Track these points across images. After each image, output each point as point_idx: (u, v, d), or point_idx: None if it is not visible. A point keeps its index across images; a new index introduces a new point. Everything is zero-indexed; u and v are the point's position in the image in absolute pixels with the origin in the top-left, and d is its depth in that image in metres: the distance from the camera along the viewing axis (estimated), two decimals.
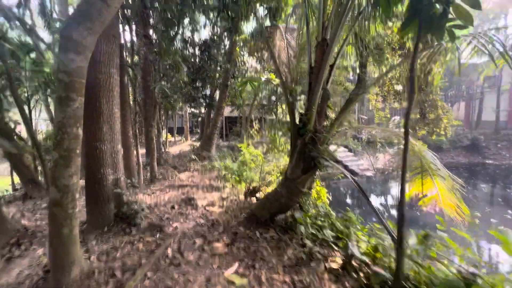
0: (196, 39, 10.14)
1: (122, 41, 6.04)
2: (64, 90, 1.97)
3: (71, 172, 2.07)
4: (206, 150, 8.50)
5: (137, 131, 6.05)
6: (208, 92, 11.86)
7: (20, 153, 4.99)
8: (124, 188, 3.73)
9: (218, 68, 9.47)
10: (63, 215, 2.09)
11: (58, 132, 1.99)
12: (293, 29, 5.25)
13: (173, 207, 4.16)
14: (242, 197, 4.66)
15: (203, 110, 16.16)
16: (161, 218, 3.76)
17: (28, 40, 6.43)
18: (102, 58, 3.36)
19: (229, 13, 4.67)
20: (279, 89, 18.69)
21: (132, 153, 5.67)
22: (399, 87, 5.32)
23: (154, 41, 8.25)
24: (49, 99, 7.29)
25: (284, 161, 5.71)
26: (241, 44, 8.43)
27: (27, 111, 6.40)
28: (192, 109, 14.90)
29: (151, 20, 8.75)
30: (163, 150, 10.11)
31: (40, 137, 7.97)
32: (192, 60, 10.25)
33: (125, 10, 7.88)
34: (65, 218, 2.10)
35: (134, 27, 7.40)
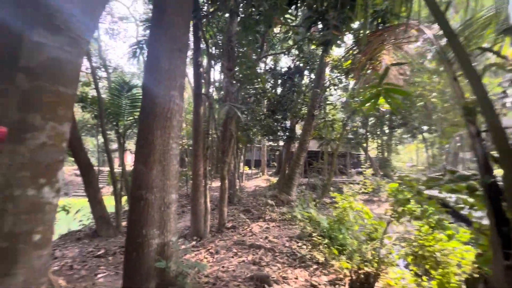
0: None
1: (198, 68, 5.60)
2: (18, 108, 0.93)
3: (14, 286, 0.94)
4: (286, 193, 7.00)
5: (210, 168, 5.18)
6: (288, 124, 10.79)
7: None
8: (173, 257, 2.57)
9: (302, 96, 8.27)
10: None
11: None
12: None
13: None
14: None
15: (281, 143, 15.19)
16: None
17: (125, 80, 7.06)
18: (161, 78, 2.53)
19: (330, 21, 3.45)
20: (370, 119, 15.93)
21: (201, 195, 4.77)
22: None
23: (236, 73, 7.97)
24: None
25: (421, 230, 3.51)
26: (334, 62, 7.02)
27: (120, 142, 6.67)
28: (271, 143, 14.11)
29: (234, 52, 8.59)
30: (238, 186, 9.27)
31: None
32: (273, 90, 9.54)
33: (212, 48, 7.93)
34: None
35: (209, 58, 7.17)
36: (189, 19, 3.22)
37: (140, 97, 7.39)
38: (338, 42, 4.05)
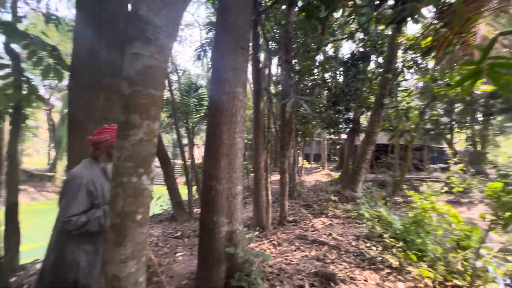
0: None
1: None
2: (123, 110, 1.12)
3: (124, 255, 1.16)
4: (350, 189, 6.55)
5: (269, 161, 5.27)
6: (351, 115, 10.01)
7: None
8: (240, 245, 2.74)
9: (368, 84, 7.51)
10: None
11: (112, 183, 1.16)
12: None
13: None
14: None
15: (343, 136, 14.25)
16: None
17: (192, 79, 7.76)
18: (226, 76, 2.68)
19: None
20: (457, 106, 13.19)
21: (262, 187, 4.92)
22: None
23: (294, 66, 7.83)
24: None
25: None
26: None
27: (189, 137, 7.44)
28: (331, 136, 13.38)
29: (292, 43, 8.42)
30: (297, 180, 9.19)
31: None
32: (336, 79, 8.96)
33: (269, 42, 7.96)
34: None
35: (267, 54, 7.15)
36: (250, 17, 3.29)
37: (205, 96, 8.07)
38: (416, 17, 3.49)
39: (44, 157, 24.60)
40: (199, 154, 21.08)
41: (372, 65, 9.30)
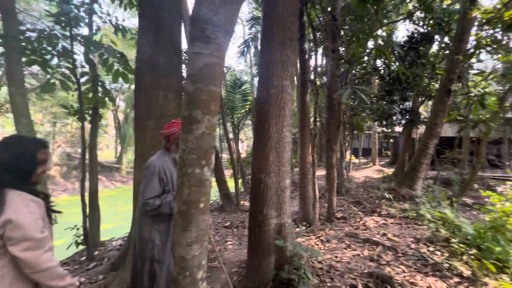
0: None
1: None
2: (186, 106, 1.21)
3: (190, 239, 1.27)
4: (407, 187, 5.93)
5: (315, 155, 5.13)
6: (408, 105, 9.00)
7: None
8: (288, 238, 2.75)
9: (430, 69, 6.61)
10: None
11: (178, 173, 1.27)
12: None
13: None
14: None
15: (397, 129, 12.97)
16: None
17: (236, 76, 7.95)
18: (274, 70, 2.66)
19: None
20: None
21: (309, 182, 4.82)
22: None
23: (342, 55, 7.39)
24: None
25: None
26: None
27: (234, 132, 7.72)
28: (383, 128, 12.28)
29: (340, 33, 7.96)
30: (345, 175, 8.74)
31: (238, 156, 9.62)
32: (393, 65, 8.16)
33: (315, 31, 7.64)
34: None
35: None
36: (297, 7, 3.20)
37: (249, 92, 8.19)
38: None
39: (112, 151, 28.49)
40: (243, 148, 21.72)
41: (435, 48, 8.17)
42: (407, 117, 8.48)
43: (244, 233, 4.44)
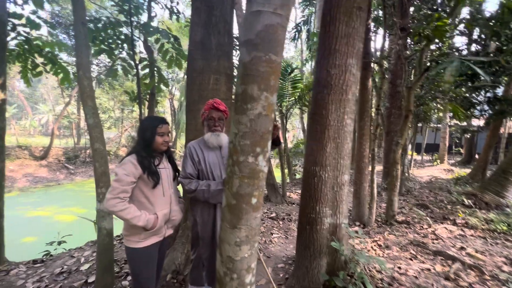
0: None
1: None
2: (241, 81, 0.99)
3: (239, 239, 1.08)
4: (494, 193, 4.80)
5: (375, 149, 4.52)
6: (498, 92, 7.30)
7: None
8: (344, 240, 2.41)
9: None
10: None
11: (228, 160, 1.09)
12: None
13: None
14: None
15: (477, 122, 10.87)
16: None
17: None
18: (337, 45, 2.26)
19: None
20: None
21: (365, 178, 4.29)
22: None
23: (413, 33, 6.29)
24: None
25: None
26: None
27: (284, 120, 7.44)
28: (457, 121, 10.34)
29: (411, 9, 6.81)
30: (406, 174, 7.70)
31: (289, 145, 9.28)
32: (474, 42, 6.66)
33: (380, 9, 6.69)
34: None
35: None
36: None
37: (300, 78, 7.70)
38: None
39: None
40: (288, 138, 21.25)
41: None
42: (496, 107, 6.88)
43: (290, 227, 4.23)
